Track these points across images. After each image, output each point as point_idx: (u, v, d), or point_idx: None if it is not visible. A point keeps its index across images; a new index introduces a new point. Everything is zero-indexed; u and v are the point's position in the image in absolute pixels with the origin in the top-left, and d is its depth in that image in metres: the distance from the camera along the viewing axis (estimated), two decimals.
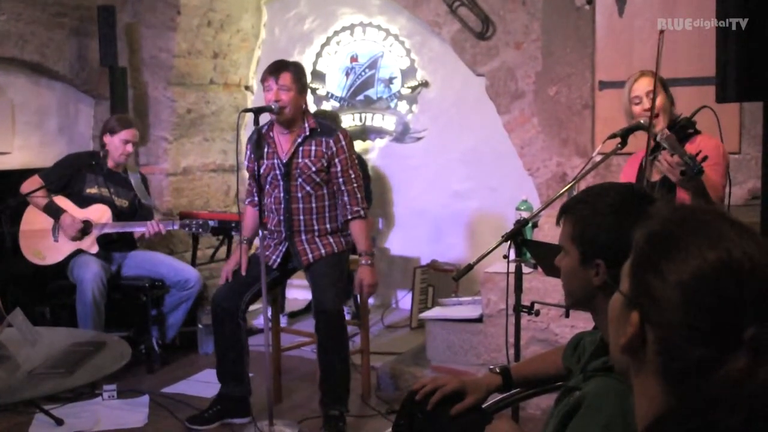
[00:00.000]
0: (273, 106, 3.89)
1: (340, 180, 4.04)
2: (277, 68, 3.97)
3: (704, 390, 1.01)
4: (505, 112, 5.07)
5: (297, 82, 3.97)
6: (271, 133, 4.08)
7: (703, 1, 4.24)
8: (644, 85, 3.48)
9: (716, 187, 3.30)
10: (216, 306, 4.14)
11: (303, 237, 4.07)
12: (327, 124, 4.17)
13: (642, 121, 3.22)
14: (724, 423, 1.00)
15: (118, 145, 4.97)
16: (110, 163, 5.01)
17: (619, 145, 3.13)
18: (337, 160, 4.01)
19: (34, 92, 5.69)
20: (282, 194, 4.04)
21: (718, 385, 1.00)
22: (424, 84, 6.14)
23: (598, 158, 3.34)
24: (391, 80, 6.27)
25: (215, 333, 4.22)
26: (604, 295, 1.70)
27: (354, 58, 6.39)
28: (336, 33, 6.43)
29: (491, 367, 2.26)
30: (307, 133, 4.01)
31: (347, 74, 6.36)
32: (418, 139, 6.20)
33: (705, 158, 3.03)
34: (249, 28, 6.51)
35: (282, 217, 4.07)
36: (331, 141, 4.00)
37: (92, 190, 4.95)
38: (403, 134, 6.25)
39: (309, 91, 4.75)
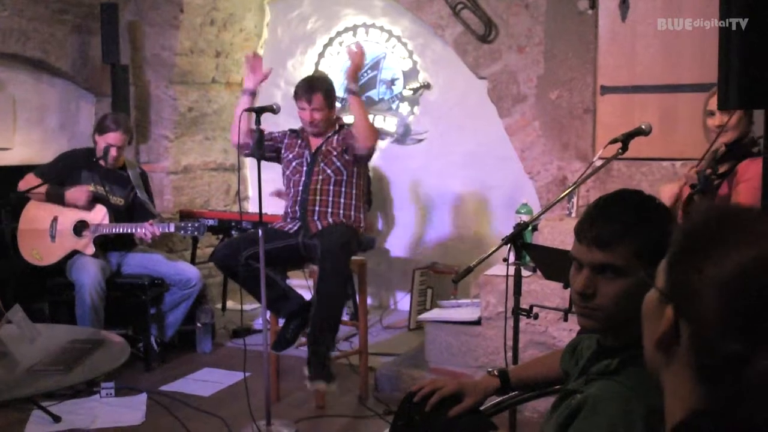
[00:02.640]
0: (275, 107, 3.96)
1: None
2: (309, 89, 4.33)
3: (738, 386, 1.02)
4: (507, 115, 5.07)
5: (328, 100, 4.36)
6: (306, 132, 4.47)
7: (706, 6, 4.24)
8: None
9: None
10: (220, 266, 4.34)
11: (316, 217, 4.30)
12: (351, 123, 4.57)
13: (643, 126, 3.23)
14: (759, 419, 1.00)
15: (102, 146, 4.93)
16: (101, 161, 4.98)
17: (620, 150, 3.14)
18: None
19: (36, 89, 5.70)
20: (303, 178, 4.33)
21: (752, 381, 1.00)
22: (426, 86, 6.14)
23: (599, 163, 3.35)
24: (393, 82, 6.27)
25: (236, 282, 4.34)
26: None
27: None
28: (339, 33, 6.44)
29: (489, 369, 2.26)
30: (336, 129, 4.44)
31: None
32: (419, 140, 6.21)
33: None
34: (252, 28, 6.52)
35: (299, 198, 4.32)
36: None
37: (88, 188, 4.94)
38: (404, 136, 6.25)
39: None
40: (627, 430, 1.53)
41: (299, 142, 4.44)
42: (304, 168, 4.36)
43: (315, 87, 4.34)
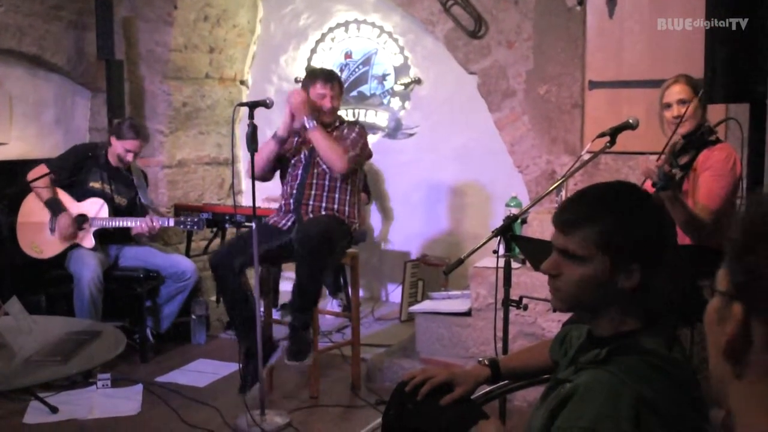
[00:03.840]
0: (268, 102, 3.98)
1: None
2: (330, 76, 4.41)
3: None
4: (496, 110, 5.13)
5: (342, 92, 4.50)
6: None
7: (694, 3, 4.29)
8: (676, 92, 3.54)
9: (712, 197, 3.38)
10: (213, 268, 4.29)
11: (310, 210, 4.32)
12: (351, 120, 4.71)
13: (630, 120, 3.29)
14: None
15: (120, 150, 5.00)
16: (111, 159, 5.06)
17: (608, 144, 3.20)
18: (347, 133, 4.37)
19: (32, 84, 5.73)
20: (301, 171, 4.37)
21: None
22: (417, 81, 6.19)
23: (587, 156, 3.40)
24: (384, 77, 6.32)
25: (220, 293, 4.40)
26: (625, 299, 1.72)
27: (348, 55, 6.44)
28: (331, 29, 6.48)
29: (480, 359, 2.28)
30: (336, 125, 4.45)
31: (341, 70, 6.40)
32: (410, 135, 6.26)
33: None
34: (245, 24, 6.56)
35: (294, 191, 4.35)
36: (351, 128, 4.42)
37: (95, 184, 5.01)
38: (395, 130, 6.31)
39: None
40: (615, 418, 1.54)
41: (296, 139, 4.46)
42: (302, 163, 4.39)
43: (335, 75, 4.45)
